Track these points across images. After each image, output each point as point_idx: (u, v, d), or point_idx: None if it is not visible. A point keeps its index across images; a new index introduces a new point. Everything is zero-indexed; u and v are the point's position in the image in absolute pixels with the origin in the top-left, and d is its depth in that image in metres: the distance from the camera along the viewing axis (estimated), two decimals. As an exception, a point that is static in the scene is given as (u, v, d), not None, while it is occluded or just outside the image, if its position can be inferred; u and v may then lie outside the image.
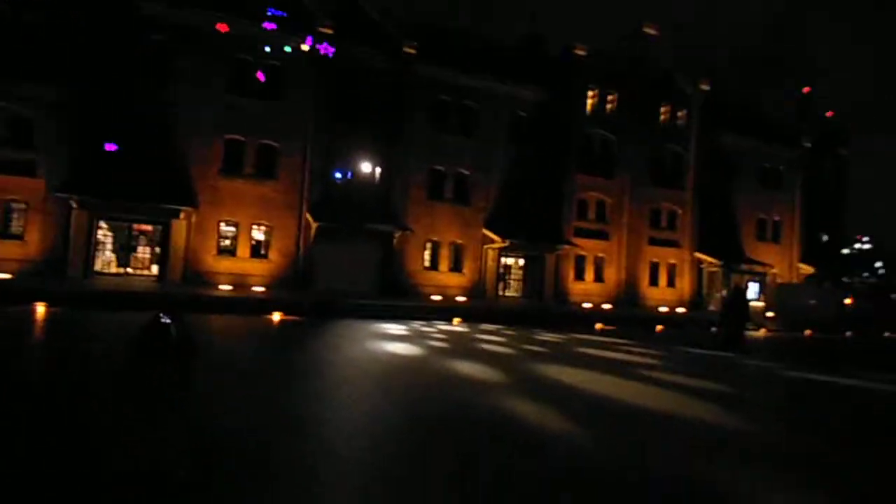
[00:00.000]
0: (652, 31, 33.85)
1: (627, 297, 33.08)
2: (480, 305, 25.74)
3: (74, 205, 21.40)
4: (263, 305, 19.06)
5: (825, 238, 40.87)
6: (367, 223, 25.75)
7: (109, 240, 23.86)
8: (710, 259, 35.05)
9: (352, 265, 26.30)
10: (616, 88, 32.79)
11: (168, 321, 6.02)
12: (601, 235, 32.85)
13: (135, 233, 24.02)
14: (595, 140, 32.58)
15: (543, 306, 28.25)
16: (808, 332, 26.92)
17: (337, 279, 25.70)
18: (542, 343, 14.86)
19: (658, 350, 14.87)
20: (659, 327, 25.14)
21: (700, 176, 35.06)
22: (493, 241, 29.38)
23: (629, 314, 27.98)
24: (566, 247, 30.96)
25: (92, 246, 22.79)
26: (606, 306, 30.50)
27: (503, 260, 31.27)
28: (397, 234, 26.89)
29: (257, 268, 24.92)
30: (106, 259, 23.53)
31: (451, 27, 33.50)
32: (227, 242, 24.78)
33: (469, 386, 8.13)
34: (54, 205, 21.42)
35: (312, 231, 25.47)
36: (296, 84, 25.72)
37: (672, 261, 34.77)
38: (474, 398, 7.22)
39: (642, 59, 33.33)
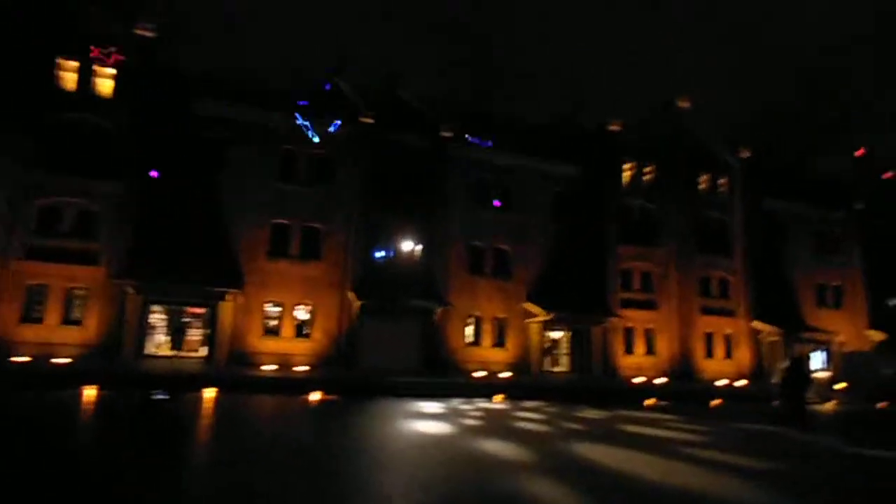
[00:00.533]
0: (685, 104, 34.20)
1: (682, 370, 31.65)
2: (525, 381, 25.12)
3: (130, 290, 22.51)
4: (303, 385, 19.16)
5: (895, 302, 38.44)
6: (408, 300, 25.96)
7: (163, 323, 24.78)
8: (768, 328, 33.41)
9: (394, 342, 26.34)
10: (653, 160, 32.93)
11: (161, 398, 6.13)
12: (649, 306, 31.99)
13: (185, 316, 24.89)
14: (635, 211, 32.43)
15: (591, 381, 27.29)
16: (882, 404, 24.89)
17: (380, 357, 25.71)
18: (583, 420, 14.28)
19: (708, 426, 14.03)
20: (715, 402, 23.79)
21: (749, 242, 34.12)
22: (535, 315, 29.00)
23: (684, 388, 26.68)
24: (613, 319, 30.22)
25: (144, 329, 23.72)
26: (660, 380, 29.16)
27: (550, 334, 30.69)
28: (438, 311, 26.93)
29: (301, 347, 25.25)
30: (157, 342, 24.37)
31: (487, 109, 34.75)
32: (272, 323, 25.35)
33: (495, 466, 7.85)
34: (112, 291, 22.60)
35: (354, 309, 25.82)
36: (338, 169, 26.93)
37: (728, 331, 33.31)
38: (496, 479, 6.97)
39: (676, 130, 33.59)
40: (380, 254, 26.91)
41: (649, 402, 22.54)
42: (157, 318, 24.97)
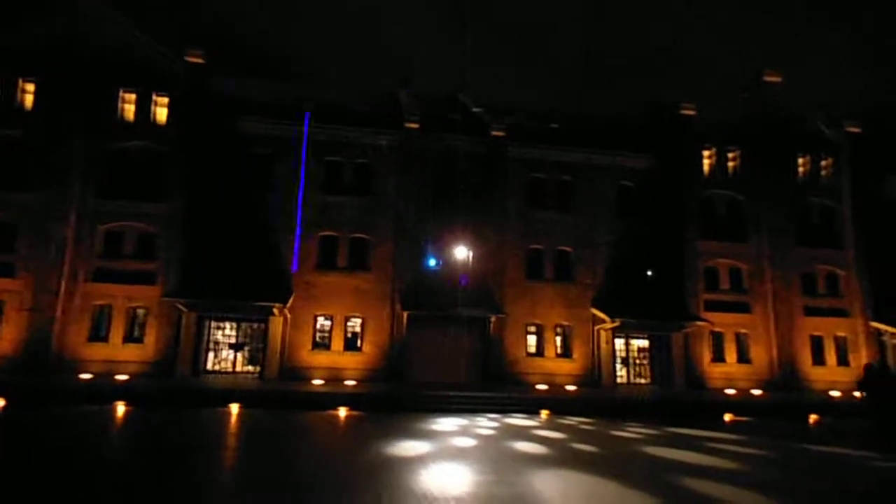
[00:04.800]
0: (775, 78, 30.28)
1: (785, 379, 27.71)
2: (592, 395, 22.91)
3: (182, 307, 23.15)
4: (339, 400, 18.49)
5: None
6: (459, 309, 24.68)
7: (220, 339, 25.27)
8: (892, 329, 28.51)
9: (448, 355, 25.22)
10: (738, 144, 29.37)
11: None
12: (741, 308, 28.37)
13: (240, 331, 25.22)
14: (719, 202, 29.01)
15: (671, 394, 24.47)
16: None
17: (431, 369, 24.74)
18: (609, 440, 12.33)
19: (769, 450, 11.55)
20: (813, 417, 20.38)
21: (863, 231, 29.44)
22: (604, 322, 26.61)
23: (786, 401, 23.17)
24: (696, 323, 27.05)
25: (202, 346, 24.32)
26: (757, 392, 25.69)
27: (632, 342, 28.09)
28: (493, 319, 25.43)
29: (351, 361, 24.76)
30: (216, 358, 24.87)
31: (545, 106, 32.91)
32: (322, 336, 25.10)
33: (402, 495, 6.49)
34: (168, 309, 23.36)
35: (404, 321, 24.98)
36: (385, 177, 26.43)
37: (841, 333, 28.81)
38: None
39: (765, 108, 29.80)
40: (431, 263, 25.92)
41: (729, 417, 19.73)
42: (221, 334, 25.51)
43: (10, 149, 23.55)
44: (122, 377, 21.53)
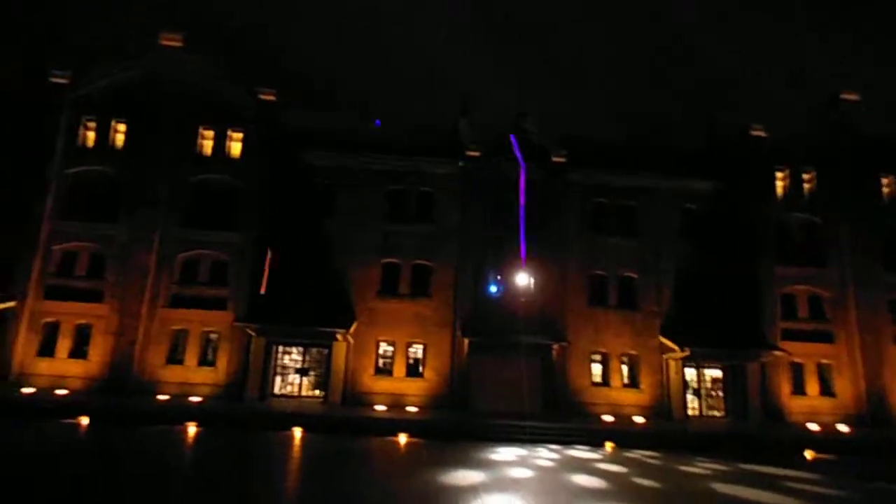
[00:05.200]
0: (852, 97, 28.84)
1: (875, 414, 25.74)
2: (661, 428, 22.06)
3: (251, 332, 24.07)
4: (391, 426, 18.64)
5: None
6: (520, 336, 24.44)
7: (287, 363, 25.99)
8: None
9: (508, 382, 24.90)
10: (814, 166, 28.03)
11: None
12: (822, 337, 26.69)
13: (306, 356, 25.86)
14: (794, 226, 27.62)
15: (746, 428, 23.20)
16: None
17: (492, 397, 24.48)
18: (675, 475, 11.83)
19: (855, 491, 10.78)
20: (904, 456, 18.82)
21: (958, 253, 27.25)
22: (673, 351, 25.64)
23: (876, 437, 21.55)
24: (773, 353, 25.61)
25: (270, 370, 25.11)
26: (843, 427, 23.97)
27: (704, 373, 26.92)
28: (555, 347, 25.01)
29: (412, 387, 24.89)
30: (282, 382, 25.58)
31: (604, 134, 32.57)
32: (384, 362, 25.41)
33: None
34: (238, 334, 24.34)
35: (465, 348, 24.96)
36: (446, 205, 26.75)
37: (938, 366, 26.52)
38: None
39: (843, 128, 28.39)
40: (492, 289, 25.90)
41: (811, 454, 18.49)
42: (288, 359, 26.23)
43: (104, 184, 25.43)
44: (195, 399, 22.50)
